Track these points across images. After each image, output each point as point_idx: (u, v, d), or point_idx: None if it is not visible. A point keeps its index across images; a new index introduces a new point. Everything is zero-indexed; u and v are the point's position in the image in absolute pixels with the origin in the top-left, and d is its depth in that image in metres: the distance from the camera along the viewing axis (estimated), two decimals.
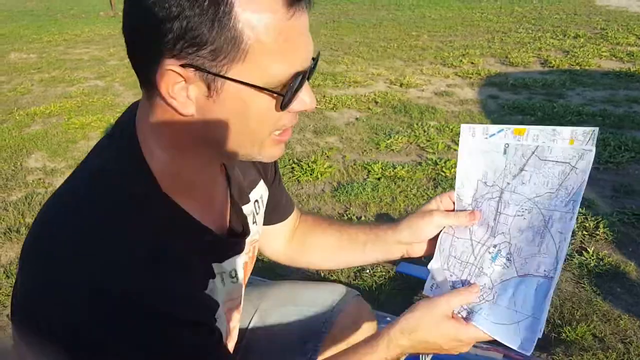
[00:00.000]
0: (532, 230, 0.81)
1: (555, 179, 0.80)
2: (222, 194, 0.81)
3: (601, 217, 2.66)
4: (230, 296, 0.80)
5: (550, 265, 0.78)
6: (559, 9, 8.62)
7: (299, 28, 0.62)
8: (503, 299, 0.80)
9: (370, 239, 1.00)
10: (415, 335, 0.81)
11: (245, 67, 0.60)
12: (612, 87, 4.78)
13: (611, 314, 2.05)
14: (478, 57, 5.93)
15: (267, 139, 0.68)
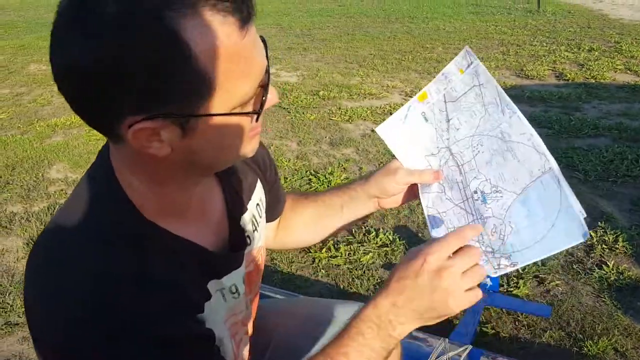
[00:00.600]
0: (497, 153, 0.83)
1: (477, 104, 0.85)
2: (218, 207, 0.80)
3: (620, 231, 2.65)
4: (232, 311, 0.79)
5: (539, 162, 0.79)
6: (573, 22, 8.61)
7: (252, 41, 0.61)
8: (521, 222, 0.79)
9: (344, 200, 0.99)
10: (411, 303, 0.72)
11: (216, 98, 0.60)
12: (627, 100, 4.77)
13: (632, 328, 2.05)
14: (493, 70, 5.94)
15: (244, 143, 0.69)
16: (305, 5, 12.59)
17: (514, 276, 2.38)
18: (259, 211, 0.91)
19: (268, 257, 2.66)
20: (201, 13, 0.55)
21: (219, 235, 0.79)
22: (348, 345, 0.73)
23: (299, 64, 6.87)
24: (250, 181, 0.89)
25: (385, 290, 0.74)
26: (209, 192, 0.79)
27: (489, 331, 2.06)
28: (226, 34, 0.57)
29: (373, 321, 0.73)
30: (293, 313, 1.14)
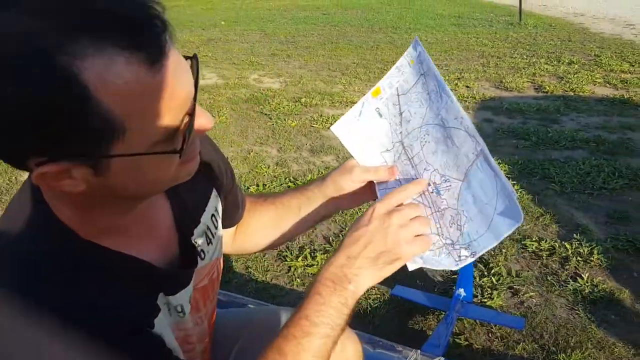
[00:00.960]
0: (440, 141, 0.82)
1: (424, 93, 0.85)
2: (165, 223, 0.77)
3: (595, 244, 2.67)
4: (178, 327, 0.77)
5: (472, 145, 0.78)
6: (554, 35, 8.72)
7: (169, 74, 0.55)
8: (471, 209, 0.79)
9: (302, 202, 0.97)
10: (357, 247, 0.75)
11: (128, 139, 0.55)
12: (606, 113, 4.83)
13: (606, 342, 2.05)
14: (473, 81, 5.98)
15: (176, 171, 0.64)
16: (289, 13, 12.61)
17: (487, 287, 2.38)
18: (214, 222, 0.88)
19: (242, 266, 2.62)
20: (102, 53, 0.51)
21: (168, 252, 0.76)
22: (307, 308, 0.74)
23: (282, 70, 6.86)
24: (203, 192, 0.86)
25: (339, 247, 0.77)
26: (154, 209, 0.75)
27: (462, 342, 2.05)
28: (132, 74, 0.52)
29: (328, 278, 0.75)
30: (253, 323, 1.12)
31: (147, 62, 0.53)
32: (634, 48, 7.51)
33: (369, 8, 13.10)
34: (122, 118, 0.54)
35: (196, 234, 0.81)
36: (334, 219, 3.03)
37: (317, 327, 0.73)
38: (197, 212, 0.83)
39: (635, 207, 3.09)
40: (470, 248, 0.78)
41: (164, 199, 0.78)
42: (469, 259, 0.78)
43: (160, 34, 0.55)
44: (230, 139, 4.43)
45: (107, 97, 0.52)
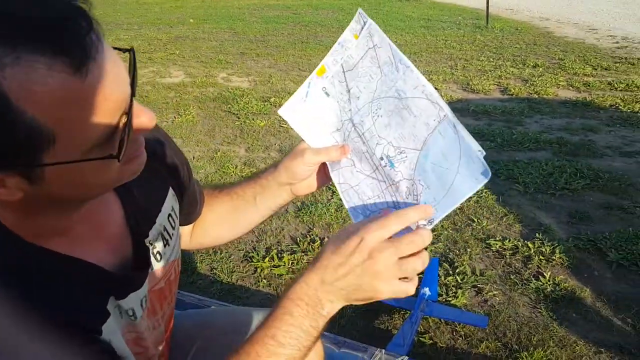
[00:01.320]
0: (395, 114, 0.80)
1: (373, 67, 0.81)
2: (117, 225, 0.74)
3: (557, 243, 2.71)
4: (129, 329, 0.74)
5: (434, 112, 0.75)
6: (519, 39, 8.88)
7: (99, 77, 0.53)
8: (429, 177, 0.76)
9: (257, 190, 0.95)
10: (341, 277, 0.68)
11: (60, 147, 0.53)
12: (568, 115, 4.93)
13: (567, 340, 2.09)
14: (441, 83, 6.05)
15: (119, 171, 0.62)
16: (260, 12, 12.56)
17: (452, 286, 2.40)
18: (171, 223, 0.85)
19: (207, 267, 2.59)
20: (21, 61, 0.48)
21: (120, 255, 0.73)
22: (275, 327, 0.69)
23: (251, 69, 6.82)
24: (159, 192, 0.83)
25: (314, 265, 0.70)
26: (103, 209, 0.73)
27: (427, 341, 2.06)
28: (56, 80, 0.49)
29: (302, 299, 0.69)
30: (211, 324, 1.10)
31: (71, 67, 0.50)
32: (596, 52, 7.70)
33: (339, 9, 13.14)
34: (49, 126, 0.51)
35: (151, 235, 0.78)
36: (301, 220, 3.02)
37: (284, 347, 0.69)
38: (152, 213, 0.80)
39: (596, 207, 3.16)
40: (438, 213, 0.75)
41: (116, 198, 0.75)
42: (428, 226, 0.74)
43: (84, 35, 0.51)
44: (197, 138, 4.37)
45: (31, 106, 0.49)
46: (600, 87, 5.81)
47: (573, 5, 13.22)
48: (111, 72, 0.54)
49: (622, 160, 3.88)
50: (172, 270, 0.85)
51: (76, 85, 0.51)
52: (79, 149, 0.54)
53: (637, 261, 2.56)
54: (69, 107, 0.51)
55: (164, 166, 0.84)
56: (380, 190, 0.81)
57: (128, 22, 11.04)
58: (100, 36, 0.53)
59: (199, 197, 0.99)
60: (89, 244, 0.68)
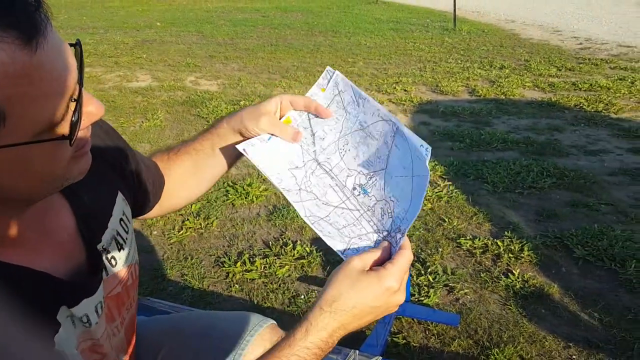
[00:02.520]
0: (361, 144, 0.84)
1: (339, 110, 0.87)
2: (67, 230, 0.71)
3: (525, 240, 2.76)
4: (84, 337, 0.71)
5: (388, 129, 0.81)
6: (486, 41, 9.03)
7: (49, 55, 0.52)
8: (395, 190, 0.80)
9: (215, 141, 0.94)
10: (339, 305, 0.72)
11: (10, 127, 0.51)
12: (534, 115, 5.03)
13: (537, 335, 2.12)
14: (411, 85, 6.10)
15: (67, 166, 0.60)
16: (228, 15, 12.49)
17: (424, 285, 2.41)
18: (124, 227, 0.82)
19: (177, 273, 2.55)
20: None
21: (72, 261, 0.70)
22: None
23: (220, 72, 6.78)
24: (108, 196, 0.81)
25: (337, 308, 0.73)
26: (52, 214, 0.70)
27: (400, 341, 2.07)
28: (7, 53, 0.48)
29: (318, 346, 0.72)
30: (177, 329, 1.08)
31: (21, 40, 0.49)
32: (560, 53, 7.88)
33: (309, 11, 13.17)
34: (0, 103, 0.50)
35: (104, 240, 0.76)
36: (273, 223, 3.00)
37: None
38: (103, 217, 0.78)
39: (562, 205, 3.22)
40: (402, 226, 0.78)
41: (65, 203, 0.72)
42: (402, 239, 0.78)
43: (33, 11, 0.51)
44: (165, 142, 4.32)
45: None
46: (565, 88, 5.94)
47: (538, 8, 13.50)
48: (60, 53, 0.54)
49: (587, 159, 3.97)
50: (129, 275, 0.82)
51: (26, 59, 0.50)
52: (29, 131, 0.53)
53: (602, 257, 2.62)
54: (19, 82, 0.50)
55: (112, 170, 0.83)
56: (355, 218, 0.83)
57: (93, 26, 10.86)
58: (49, 17, 0.53)
59: (157, 180, 0.97)
60: (38, 251, 0.65)
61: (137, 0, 15.83)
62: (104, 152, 0.81)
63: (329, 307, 0.72)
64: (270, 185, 3.50)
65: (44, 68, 0.52)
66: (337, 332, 0.73)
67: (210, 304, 2.32)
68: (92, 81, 6.38)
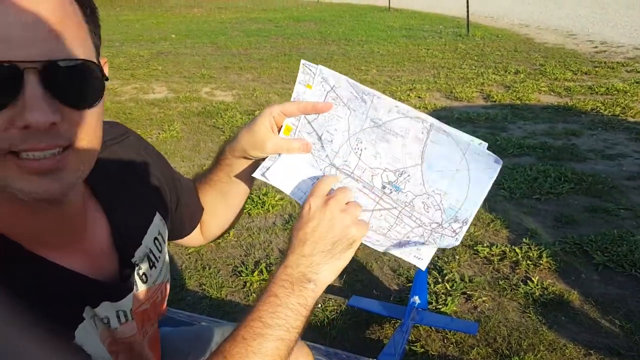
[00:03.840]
0: (379, 140, 0.82)
1: (338, 107, 0.85)
2: (101, 239, 0.73)
3: (544, 247, 2.73)
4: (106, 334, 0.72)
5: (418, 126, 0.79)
6: (500, 46, 9.00)
7: None
8: (441, 184, 0.79)
9: (227, 171, 0.94)
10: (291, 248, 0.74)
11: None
12: (551, 120, 4.99)
13: (557, 343, 2.10)
14: (425, 92, 6.10)
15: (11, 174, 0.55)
16: (242, 25, 12.60)
17: (442, 293, 2.40)
18: (158, 246, 0.84)
19: (196, 283, 2.57)
20: None
21: (101, 267, 0.72)
22: (260, 310, 0.71)
23: (235, 83, 6.83)
24: (145, 216, 0.82)
25: (289, 248, 0.75)
26: (81, 221, 0.71)
27: (418, 350, 2.06)
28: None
29: (284, 279, 0.72)
30: (200, 340, 1.10)
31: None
32: (576, 57, 7.82)
33: (321, 20, 13.24)
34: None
35: (137, 256, 0.78)
36: (289, 232, 3.01)
37: (271, 328, 0.69)
38: (138, 234, 0.80)
39: (580, 210, 3.19)
40: (460, 216, 0.78)
41: (102, 215, 0.75)
42: (464, 227, 0.78)
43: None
44: (182, 153, 4.36)
45: None
46: (581, 92, 5.90)
47: (552, 12, 13.42)
48: None
49: (605, 163, 3.93)
50: (158, 293, 0.84)
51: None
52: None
53: (622, 262, 2.59)
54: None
55: (153, 192, 0.85)
56: (395, 216, 0.82)
57: (109, 39, 11.01)
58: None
59: (196, 208, 1.00)
60: (67, 252, 0.67)
61: (151, 13, 16.04)
62: (148, 175, 0.84)
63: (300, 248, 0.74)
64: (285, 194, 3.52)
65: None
66: (312, 268, 0.73)
67: (228, 314, 2.33)
68: (109, 94, 6.46)
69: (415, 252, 0.79)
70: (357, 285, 2.50)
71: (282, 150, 0.85)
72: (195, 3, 17.69)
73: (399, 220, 0.82)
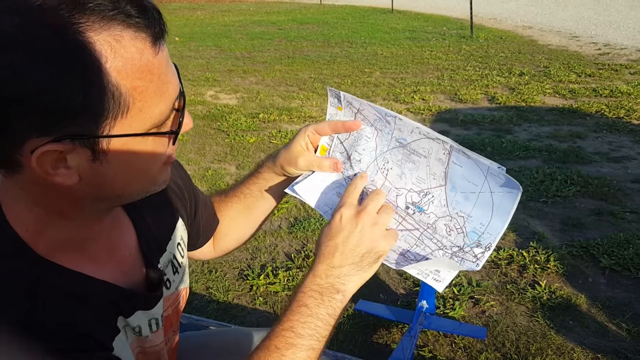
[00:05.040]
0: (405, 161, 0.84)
1: (366, 128, 0.87)
2: (129, 247, 0.76)
3: (551, 251, 2.73)
4: (136, 344, 0.75)
5: (439, 147, 0.80)
6: (504, 48, 8.98)
7: (165, 58, 0.60)
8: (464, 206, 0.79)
9: (262, 184, 0.98)
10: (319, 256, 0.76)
11: (128, 118, 0.57)
12: (556, 122, 4.99)
13: (565, 347, 2.09)
14: (429, 94, 6.09)
15: (159, 169, 0.67)
16: (245, 28, 12.61)
17: (449, 298, 2.40)
18: (180, 251, 0.86)
19: (203, 286, 2.57)
20: (111, 28, 0.54)
21: (131, 276, 0.74)
22: (292, 320, 0.72)
23: (239, 86, 6.84)
24: (169, 221, 0.85)
25: (317, 258, 0.76)
26: (117, 231, 0.74)
27: (427, 355, 2.06)
28: (138, 49, 0.55)
29: (314, 290, 0.74)
30: (209, 346, 1.10)
31: (150, 40, 0.57)
32: (579, 59, 7.81)
33: (324, 23, 13.25)
34: (126, 95, 0.56)
35: (162, 262, 0.80)
36: (295, 235, 3.01)
37: (303, 338, 0.71)
38: (163, 240, 0.82)
39: (587, 213, 3.19)
40: (483, 242, 0.78)
41: (128, 222, 0.76)
42: (487, 253, 0.78)
43: (158, 18, 0.58)
44: (187, 157, 4.36)
45: (115, 72, 0.54)
46: (586, 94, 5.89)
47: (555, 13, 13.41)
48: (169, 61, 0.61)
49: (610, 166, 3.92)
50: (180, 299, 0.86)
51: (151, 57, 0.57)
52: (142, 125, 0.59)
53: (629, 266, 2.58)
54: (144, 78, 0.57)
55: (174, 196, 0.87)
56: (416, 238, 0.82)
57: None
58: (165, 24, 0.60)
59: (212, 218, 1.02)
60: (101, 263, 0.69)
61: None
62: (171, 181, 0.85)
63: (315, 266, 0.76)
64: (290, 197, 3.51)
65: (161, 69, 0.59)
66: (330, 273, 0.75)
67: (235, 317, 2.33)
68: None
69: (435, 275, 0.79)
70: (363, 289, 2.46)
71: (313, 167, 0.89)
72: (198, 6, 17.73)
73: (420, 242, 0.82)
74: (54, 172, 0.57)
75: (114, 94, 0.54)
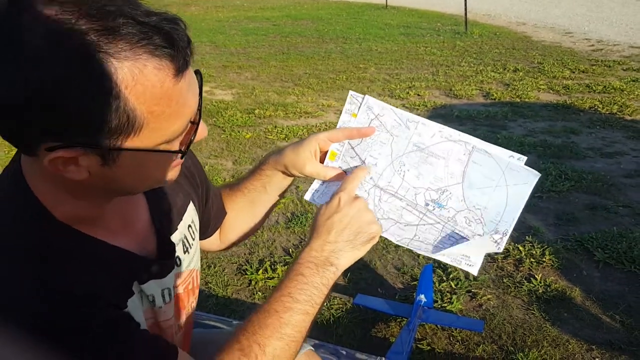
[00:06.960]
0: (422, 163, 0.89)
1: (381, 133, 0.91)
2: (142, 222, 0.80)
3: (546, 245, 2.77)
4: (149, 315, 0.79)
5: (460, 148, 0.87)
6: (498, 44, 9.01)
7: (186, 84, 0.61)
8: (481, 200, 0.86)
9: (265, 180, 1.02)
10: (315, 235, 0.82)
11: (142, 135, 0.60)
12: (550, 118, 5.02)
13: (560, 339, 2.13)
14: (424, 89, 6.12)
15: (166, 172, 0.70)
16: (239, 24, 12.59)
17: (447, 292, 2.43)
18: (191, 233, 0.90)
19: (202, 281, 2.59)
20: (136, 57, 0.55)
21: (145, 246, 0.78)
22: (289, 287, 0.79)
23: (234, 82, 6.84)
24: (180, 203, 0.88)
25: (314, 233, 0.83)
26: (132, 206, 0.79)
27: (425, 348, 2.09)
28: (160, 79, 0.57)
29: (310, 261, 0.80)
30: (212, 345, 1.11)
31: (173, 71, 0.58)
32: (573, 55, 7.85)
33: (319, 19, 13.23)
34: (142, 118, 0.58)
35: (173, 239, 0.83)
36: (292, 230, 3.03)
37: (299, 303, 0.77)
38: (175, 219, 0.86)
39: (581, 208, 3.22)
40: (500, 228, 0.85)
41: (144, 202, 0.81)
42: (505, 237, 0.84)
43: (186, 48, 0.60)
44: None
45: (134, 97, 0.56)
46: (579, 90, 5.93)
47: (548, 10, 13.45)
48: (192, 83, 0.63)
49: (604, 161, 3.96)
50: (190, 279, 0.89)
51: (172, 87, 0.59)
52: (154, 141, 0.62)
53: (622, 259, 2.62)
54: (162, 103, 0.59)
55: (187, 181, 0.91)
56: (439, 230, 0.88)
57: None
58: (192, 52, 0.62)
59: (220, 209, 1.05)
60: (115, 233, 0.73)
61: None
62: (184, 167, 0.89)
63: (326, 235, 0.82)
64: (286, 192, 3.53)
65: (181, 94, 0.61)
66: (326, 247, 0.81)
67: (234, 312, 2.35)
68: None
69: (467, 260, 0.85)
70: (361, 283, 2.53)
71: (319, 175, 0.93)
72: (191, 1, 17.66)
73: (444, 233, 0.88)
74: (64, 169, 0.60)
75: (129, 115, 0.57)
